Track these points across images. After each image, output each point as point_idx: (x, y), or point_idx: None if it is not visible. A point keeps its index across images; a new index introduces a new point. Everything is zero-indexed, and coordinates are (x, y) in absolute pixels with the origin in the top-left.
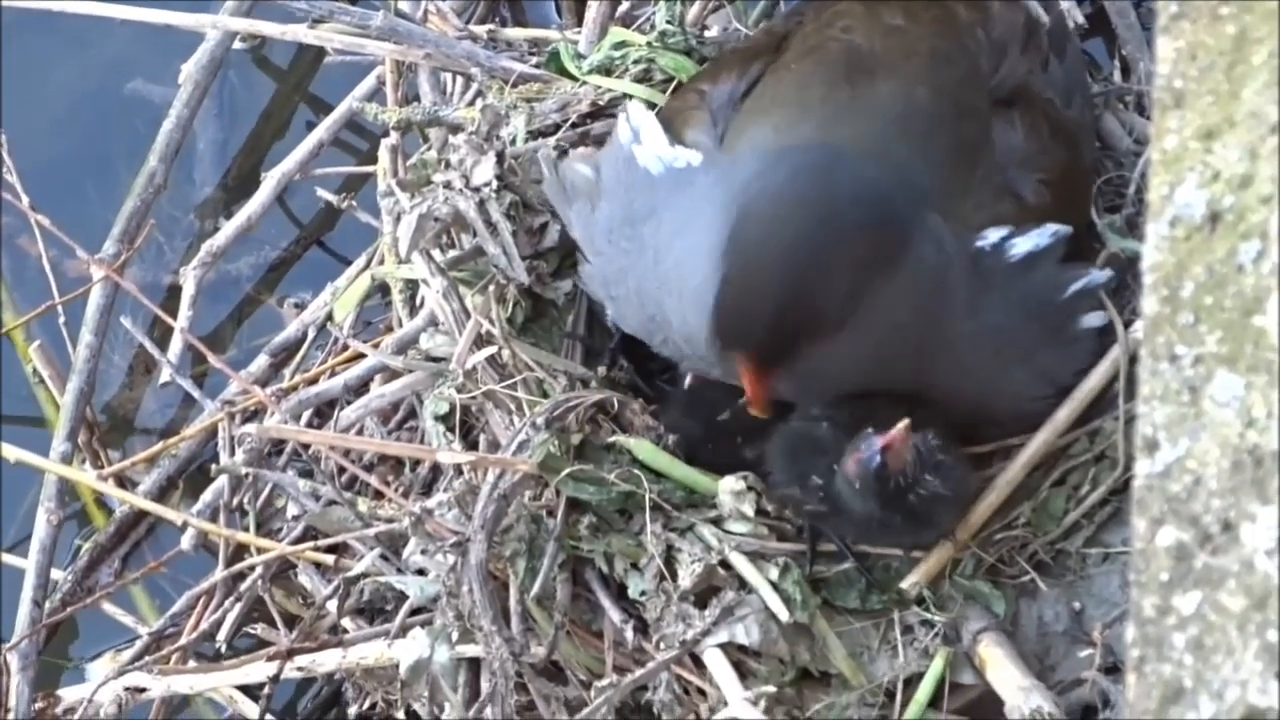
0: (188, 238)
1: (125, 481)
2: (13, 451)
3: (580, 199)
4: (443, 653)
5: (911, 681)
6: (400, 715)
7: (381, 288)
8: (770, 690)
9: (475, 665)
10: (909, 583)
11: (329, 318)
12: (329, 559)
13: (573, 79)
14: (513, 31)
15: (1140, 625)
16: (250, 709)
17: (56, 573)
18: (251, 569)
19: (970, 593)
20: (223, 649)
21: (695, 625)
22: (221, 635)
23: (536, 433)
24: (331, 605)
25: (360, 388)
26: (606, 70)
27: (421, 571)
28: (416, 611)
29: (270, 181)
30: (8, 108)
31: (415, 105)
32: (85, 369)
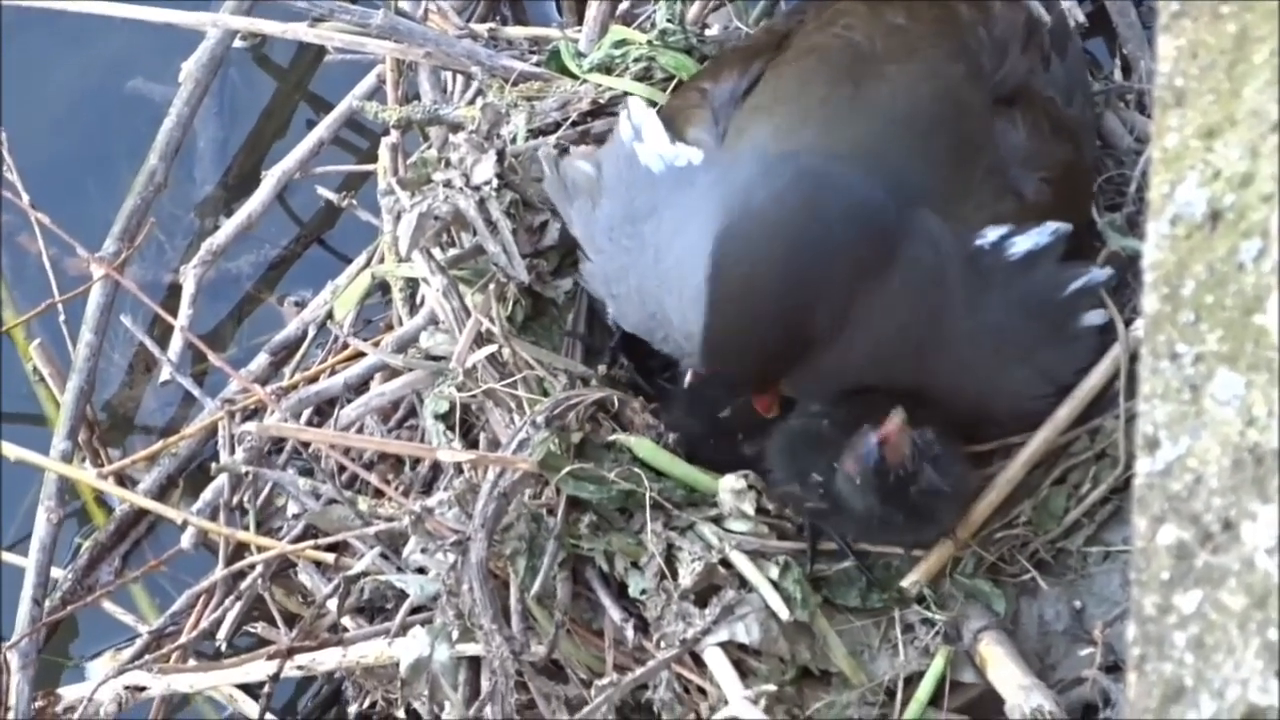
0: (188, 236)
1: (125, 480)
2: (13, 450)
3: (581, 197)
4: (443, 651)
5: (912, 680)
6: (400, 714)
7: (382, 286)
8: (770, 689)
9: (475, 664)
10: (909, 581)
11: (329, 316)
12: (329, 557)
13: (573, 77)
14: (513, 30)
15: (1141, 624)
16: (250, 707)
17: (57, 571)
18: (251, 567)
19: (971, 591)
20: (223, 647)
21: (695, 624)
22: (221, 634)
23: (537, 431)
24: (332, 604)
25: (360, 386)
26: (607, 69)
27: (422, 570)
28: (417, 610)
29: (270, 180)
30: (8, 106)
31: (415, 104)
32: (85, 367)
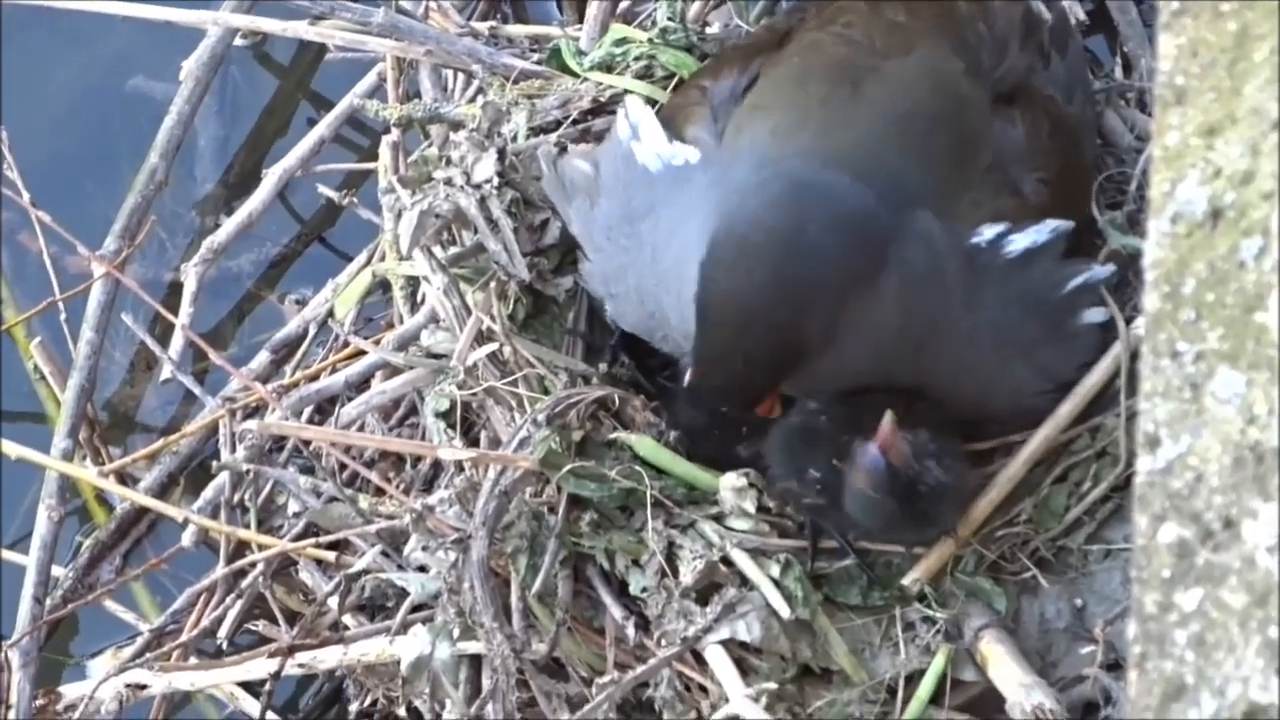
0: (189, 234)
1: (126, 478)
2: (14, 448)
3: (579, 196)
4: (444, 649)
5: (913, 678)
6: (401, 712)
7: (382, 284)
8: (771, 687)
9: (476, 662)
10: (910, 579)
11: (330, 314)
12: (330, 556)
13: (574, 76)
14: (514, 28)
15: (1142, 622)
16: (251, 706)
17: (57, 569)
18: (252, 566)
19: (972, 589)
20: (224, 646)
21: (696, 622)
22: (222, 632)
23: (538, 429)
24: (333, 602)
25: (361, 384)
26: (608, 67)
27: (423, 568)
28: (418, 608)
29: (271, 178)
30: (9, 104)
31: (416, 102)
32: (86, 365)
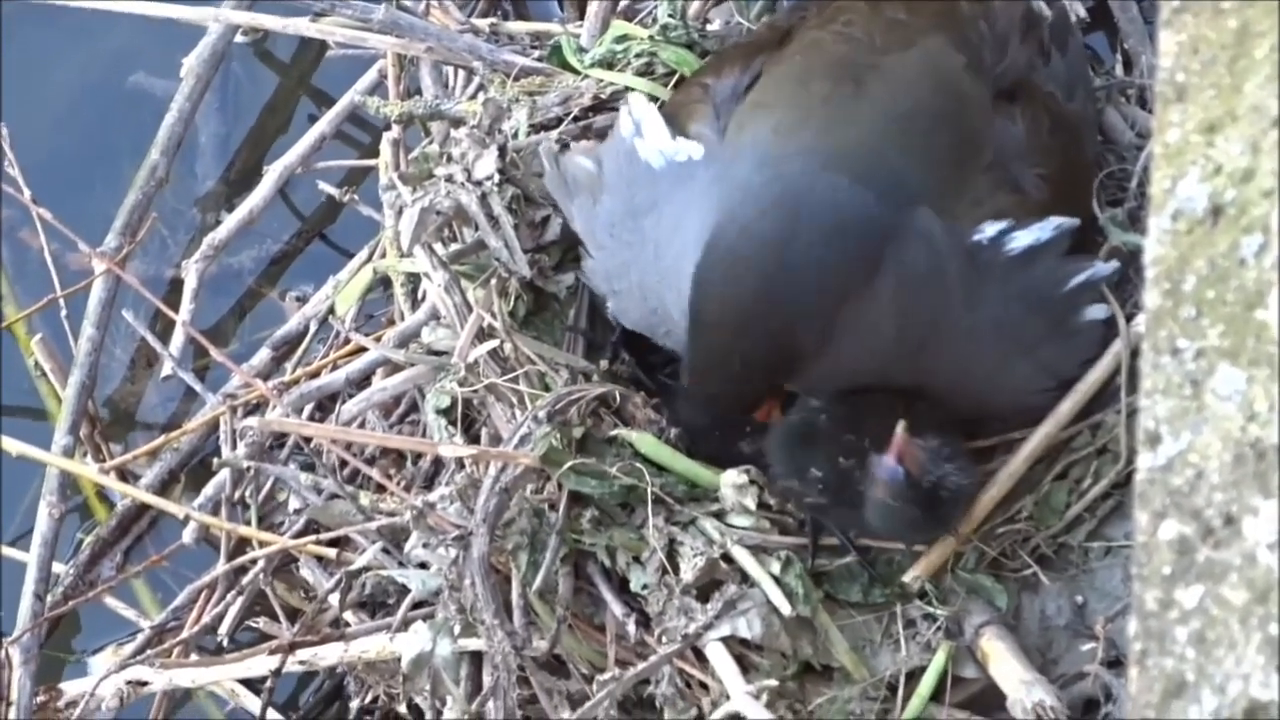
0: (190, 231)
1: (127, 475)
2: (14, 445)
3: (582, 193)
4: (445, 646)
5: (914, 675)
6: (402, 709)
7: (383, 281)
8: (772, 684)
9: (477, 659)
10: (911, 576)
11: (331, 311)
12: (331, 553)
13: (575, 73)
14: (515, 25)
15: (1142, 619)
16: (252, 702)
17: (58, 566)
18: (253, 562)
19: (972, 586)
20: (224, 643)
21: (697, 619)
22: (223, 629)
23: (538, 426)
24: (333, 599)
25: (362, 381)
26: (608, 64)
27: (423, 565)
28: (418, 605)
29: (272, 175)
30: (10, 101)
31: (417, 99)
32: (87, 362)
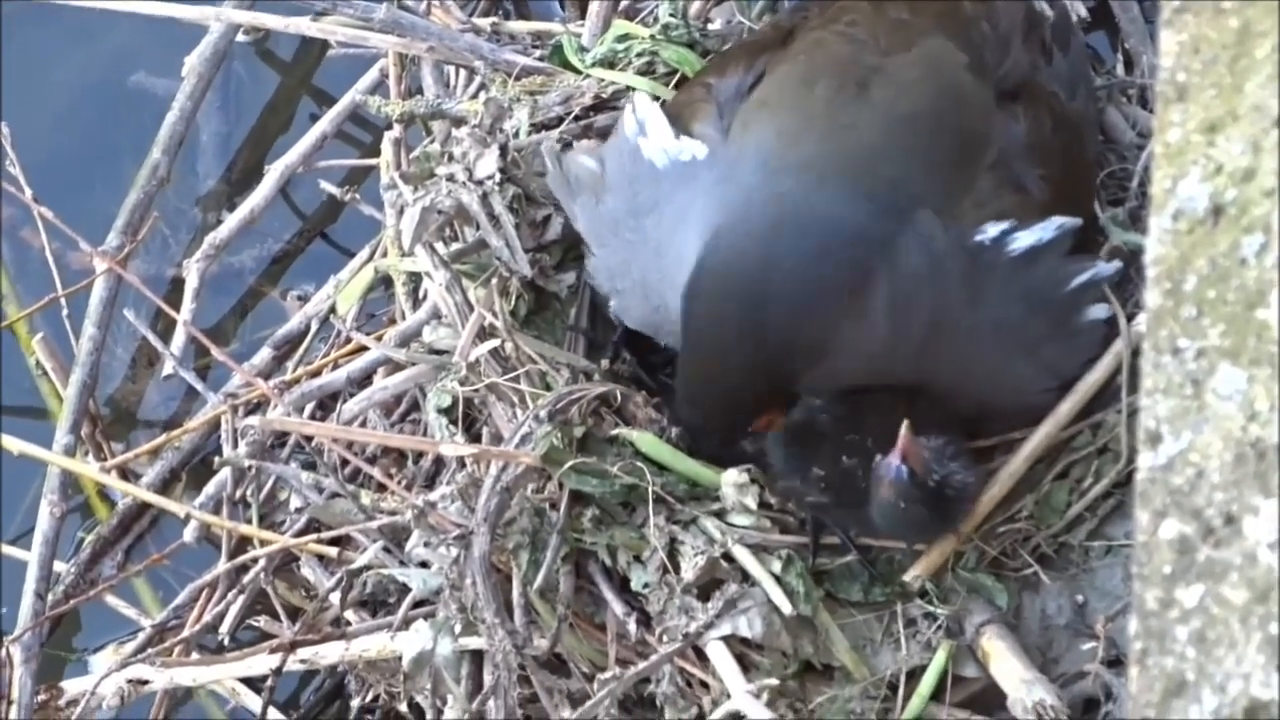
0: (191, 230)
1: (128, 474)
2: (15, 444)
3: (585, 192)
4: (445, 645)
5: (914, 674)
6: (403, 708)
7: (384, 280)
8: (773, 683)
9: (478, 658)
10: (912, 575)
11: (332, 310)
12: (332, 551)
13: (576, 72)
14: (516, 25)
15: (1143, 618)
16: (253, 701)
17: (59, 565)
18: (254, 561)
19: (973, 585)
20: (225, 641)
21: (698, 618)
22: (224, 628)
23: (539, 425)
24: (334, 598)
25: (363, 380)
26: (610, 63)
27: (424, 564)
28: (419, 604)
29: (273, 174)
30: (11, 101)
31: (418, 98)
32: (88, 361)
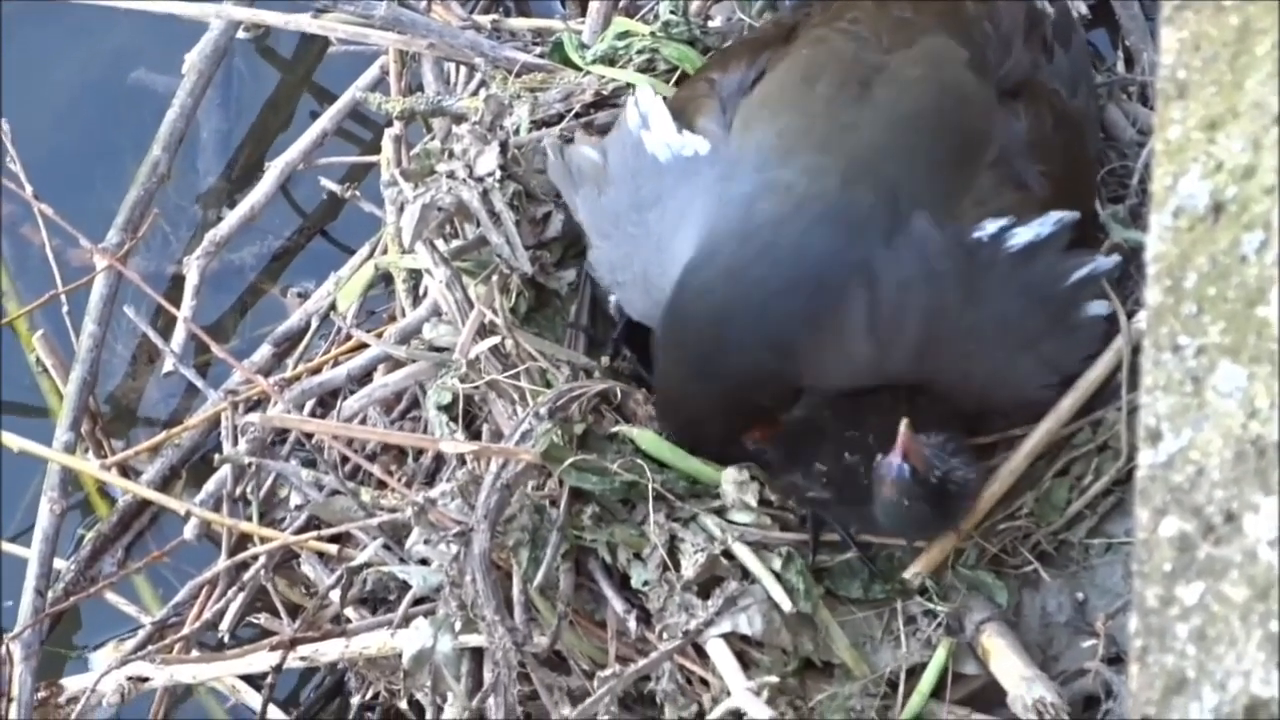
0: (191, 227)
1: (128, 471)
2: (15, 441)
3: (587, 184)
4: (446, 642)
5: (914, 672)
6: (403, 705)
7: (385, 277)
8: (773, 680)
9: (478, 655)
10: (912, 573)
11: (332, 307)
12: (332, 549)
13: (576, 69)
14: (516, 21)
15: (1143, 615)
16: (253, 699)
17: (59, 562)
18: (254, 558)
19: (973, 583)
20: (225, 639)
21: (698, 615)
22: (224, 625)
23: (540, 422)
24: (334, 595)
25: (363, 377)
26: (610, 60)
27: (424, 561)
28: (419, 601)
29: (274, 171)
30: (11, 97)
31: (419, 95)
32: (88, 358)
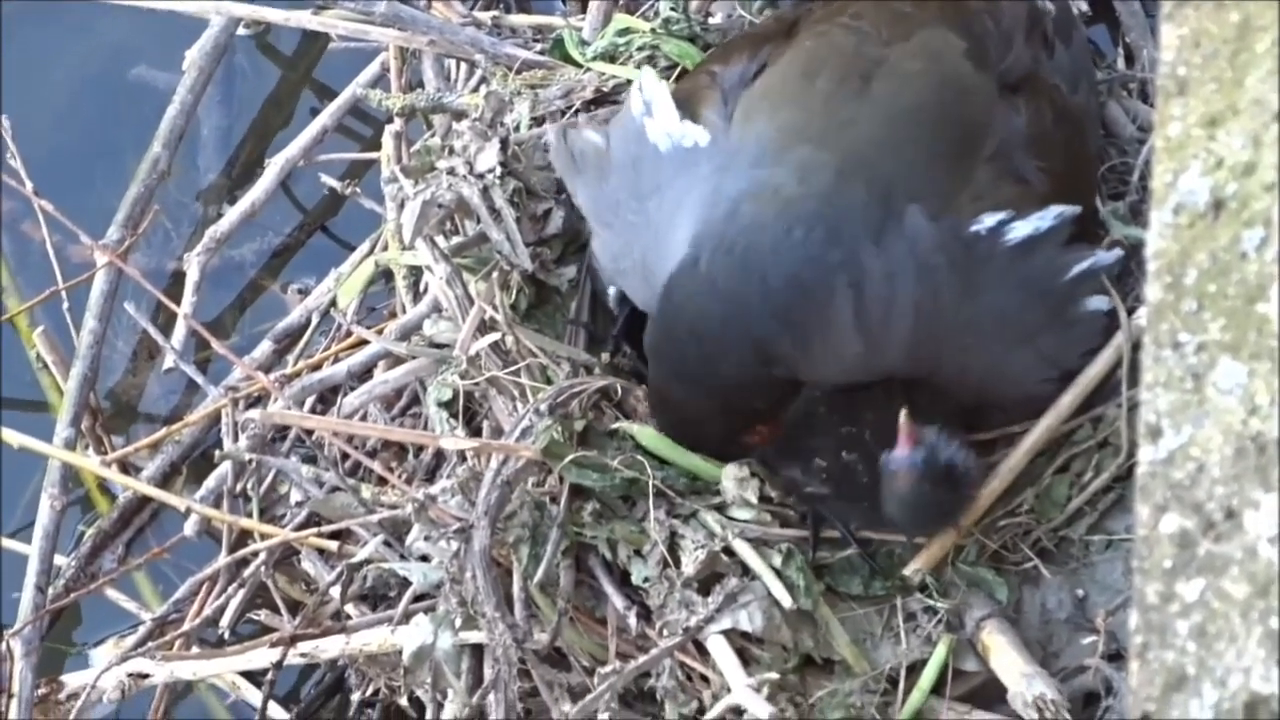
0: (192, 224)
1: (128, 467)
2: (16, 437)
3: (589, 169)
4: (446, 639)
5: (915, 668)
6: (403, 702)
7: (385, 274)
8: (773, 677)
9: (478, 652)
10: (912, 569)
11: (332, 304)
12: (332, 545)
13: (577, 66)
14: (517, 18)
15: (1143, 612)
16: (253, 695)
17: (60, 558)
18: (255, 555)
19: (973, 579)
20: (226, 635)
21: (698, 612)
22: (224, 621)
23: (540, 419)
24: (335, 591)
25: (364, 374)
26: (610, 57)
27: (425, 558)
28: (420, 598)
29: (274, 168)
30: (11, 94)
31: (419, 92)
32: (89, 354)
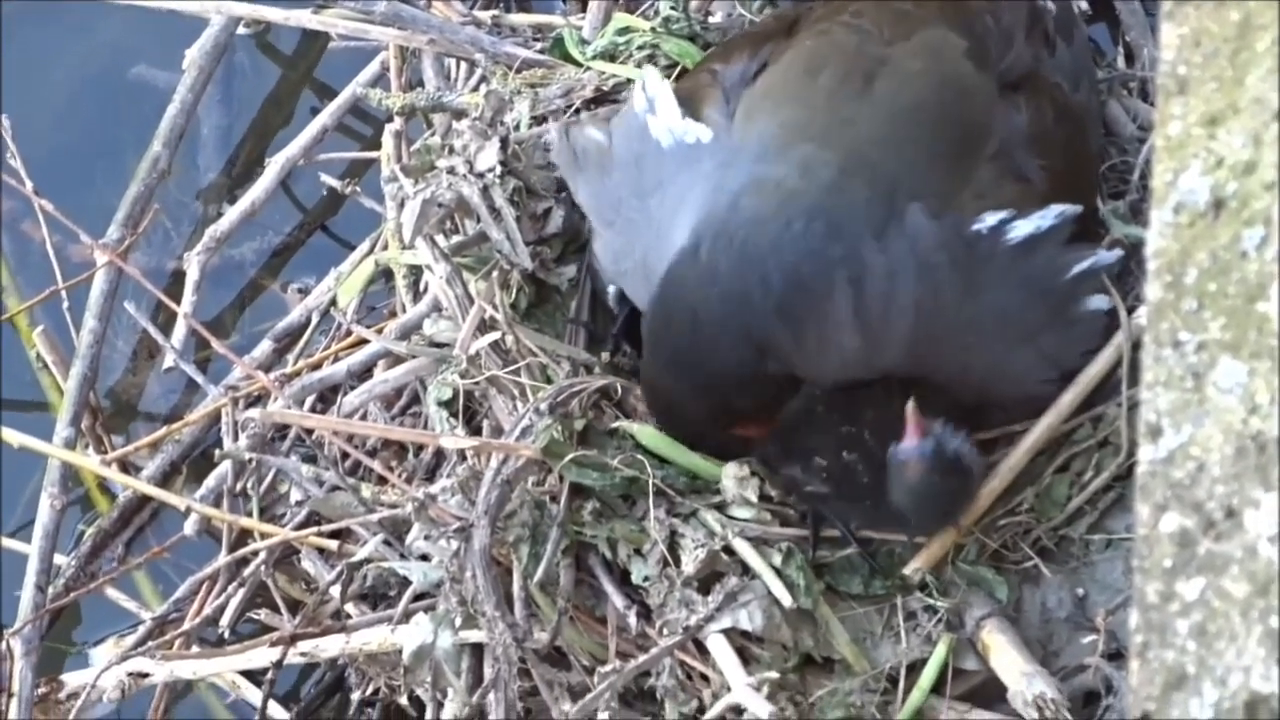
0: (192, 223)
1: (128, 466)
2: (16, 436)
3: (591, 166)
4: (446, 638)
5: (915, 667)
6: (403, 701)
7: (385, 273)
8: (773, 676)
9: (478, 651)
10: (912, 568)
11: (332, 303)
12: (332, 544)
13: (577, 65)
14: (517, 17)
15: (1144, 611)
16: (253, 694)
17: (60, 558)
18: (255, 554)
19: (973, 578)
20: (226, 634)
21: (698, 611)
22: (224, 621)
23: (540, 418)
24: (335, 591)
25: (363, 373)
26: (610, 56)
27: (425, 557)
28: (420, 597)
29: (274, 167)
30: (11, 93)
31: (419, 91)
32: (89, 354)
